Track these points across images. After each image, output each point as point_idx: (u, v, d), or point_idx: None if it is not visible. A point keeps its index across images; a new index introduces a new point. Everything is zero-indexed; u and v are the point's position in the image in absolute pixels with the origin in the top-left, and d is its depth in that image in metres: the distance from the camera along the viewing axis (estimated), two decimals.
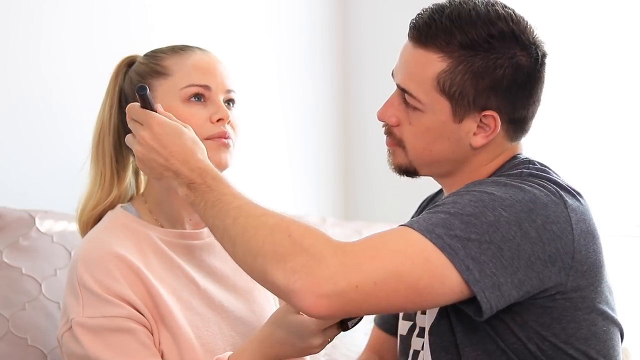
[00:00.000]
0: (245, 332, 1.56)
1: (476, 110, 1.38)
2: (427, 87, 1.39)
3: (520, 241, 1.25)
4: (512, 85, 1.37)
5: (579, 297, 1.32)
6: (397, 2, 2.92)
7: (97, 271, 1.47)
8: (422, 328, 1.47)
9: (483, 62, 1.36)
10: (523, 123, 1.43)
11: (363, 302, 1.20)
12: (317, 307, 1.19)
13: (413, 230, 1.24)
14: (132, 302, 1.47)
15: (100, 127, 1.62)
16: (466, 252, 1.22)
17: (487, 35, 1.36)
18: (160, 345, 1.49)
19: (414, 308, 1.28)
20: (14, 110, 1.99)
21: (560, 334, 1.32)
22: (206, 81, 1.56)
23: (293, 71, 2.82)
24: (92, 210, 1.60)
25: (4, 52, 1.98)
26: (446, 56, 1.38)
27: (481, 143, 1.40)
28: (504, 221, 1.25)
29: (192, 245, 1.60)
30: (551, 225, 1.28)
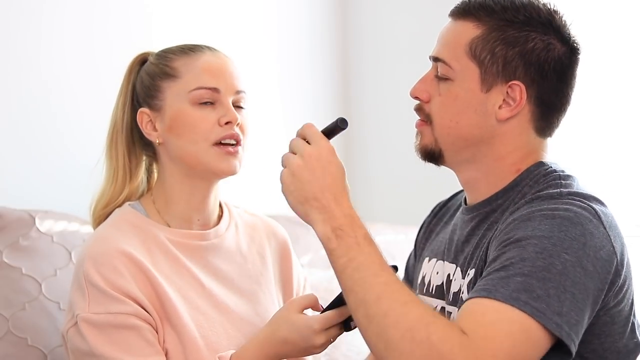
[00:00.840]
0: (250, 332, 1.56)
1: (504, 80, 1.40)
2: (459, 53, 1.43)
3: (586, 281, 1.27)
4: (543, 62, 1.41)
5: (617, 312, 1.34)
6: (398, 2, 2.92)
7: (103, 268, 1.47)
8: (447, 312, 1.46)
9: (516, 32, 1.40)
10: (550, 112, 1.44)
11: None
12: None
13: (501, 303, 1.24)
14: (138, 299, 1.47)
15: (114, 125, 1.63)
16: (552, 310, 1.24)
17: (526, 16, 1.41)
18: (164, 343, 1.50)
19: None
20: (14, 111, 1.99)
21: (598, 349, 1.34)
22: (215, 83, 1.56)
23: (293, 71, 2.82)
24: (104, 207, 1.61)
25: (3, 52, 1.98)
26: (481, 24, 1.42)
27: (507, 116, 1.41)
28: (569, 266, 1.27)
29: (199, 246, 1.60)
30: (600, 252, 1.30)
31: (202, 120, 1.54)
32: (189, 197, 1.59)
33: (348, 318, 1.40)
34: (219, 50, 1.62)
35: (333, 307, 1.40)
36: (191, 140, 1.54)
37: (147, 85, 1.59)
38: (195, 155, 1.55)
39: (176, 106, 1.55)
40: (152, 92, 1.58)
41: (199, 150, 1.54)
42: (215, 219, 1.65)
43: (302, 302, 1.43)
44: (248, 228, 1.70)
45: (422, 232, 1.69)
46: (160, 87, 1.57)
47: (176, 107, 1.55)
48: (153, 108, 1.58)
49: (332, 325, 1.40)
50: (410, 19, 2.89)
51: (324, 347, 1.42)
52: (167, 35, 2.08)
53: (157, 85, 1.57)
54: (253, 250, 1.67)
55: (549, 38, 1.41)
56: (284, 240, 1.74)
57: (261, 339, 1.45)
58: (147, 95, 1.59)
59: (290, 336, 1.41)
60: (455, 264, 1.47)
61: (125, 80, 1.64)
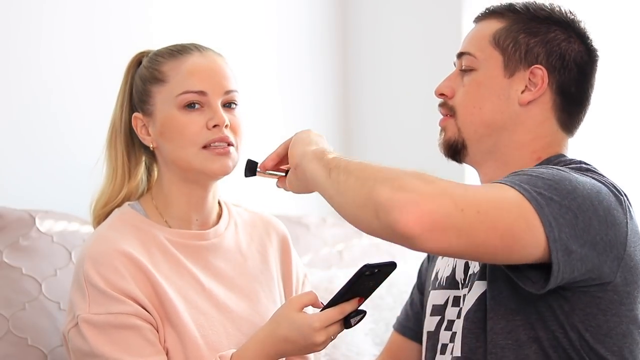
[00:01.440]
0: (250, 331, 1.56)
1: (526, 65, 1.45)
2: (483, 44, 1.48)
3: (592, 216, 1.28)
4: (564, 52, 1.46)
5: (625, 292, 1.34)
6: (398, 3, 2.92)
7: (103, 268, 1.48)
8: (450, 321, 1.48)
9: (539, 24, 1.47)
10: (571, 104, 1.48)
11: (463, 230, 1.19)
12: (418, 222, 1.17)
13: (502, 184, 1.27)
14: (138, 299, 1.48)
15: (113, 125, 1.64)
16: (550, 210, 1.24)
17: (548, 12, 1.48)
18: (165, 342, 1.50)
19: (502, 256, 1.25)
20: (15, 111, 1.99)
21: (603, 326, 1.34)
22: (201, 87, 1.55)
23: (293, 71, 2.82)
24: (103, 207, 1.62)
25: (4, 53, 1.98)
26: (505, 18, 1.49)
27: (529, 99, 1.45)
28: (579, 193, 1.28)
29: (198, 246, 1.60)
30: (613, 211, 1.32)
31: (189, 125, 1.54)
32: (186, 198, 1.60)
33: (348, 315, 1.40)
34: (209, 49, 1.61)
35: (333, 305, 1.40)
36: (180, 145, 1.55)
37: (140, 90, 1.60)
38: (185, 159, 1.55)
39: (165, 111, 1.55)
40: (144, 97, 1.59)
41: (188, 154, 1.54)
42: (214, 218, 1.65)
43: (302, 300, 1.43)
44: (247, 226, 1.70)
45: None
46: (151, 91, 1.58)
47: (165, 112, 1.55)
48: (145, 113, 1.59)
49: (333, 322, 1.40)
50: (410, 19, 2.89)
51: (325, 344, 1.42)
52: (167, 35, 2.08)
53: (148, 90, 1.58)
54: (253, 249, 1.68)
55: (570, 33, 1.47)
56: (283, 236, 1.74)
57: (261, 338, 1.45)
58: (139, 100, 1.60)
59: (291, 334, 1.41)
60: None
61: (123, 80, 1.64)
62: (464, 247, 1.21)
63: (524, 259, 1.26)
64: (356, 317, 1.40)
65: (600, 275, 1.31)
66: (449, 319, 1.50)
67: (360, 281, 1.36)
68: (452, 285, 1.53)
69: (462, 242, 1.20)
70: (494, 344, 1.37)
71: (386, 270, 1.38)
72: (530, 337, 1.35)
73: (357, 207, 1.27)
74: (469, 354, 1.41)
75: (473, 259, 1.25)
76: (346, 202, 1.29)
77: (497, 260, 1.27)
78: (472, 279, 1.45)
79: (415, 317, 1.70)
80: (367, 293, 1.40)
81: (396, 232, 1.19)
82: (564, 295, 1.32)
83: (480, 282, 1.42)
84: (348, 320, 1.40)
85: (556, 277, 1.26)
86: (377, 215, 1.22)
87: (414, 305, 1.73)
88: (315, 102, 2.91)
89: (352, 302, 1.39)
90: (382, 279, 1.39)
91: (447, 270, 1.56)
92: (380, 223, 1.21)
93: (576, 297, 1.32)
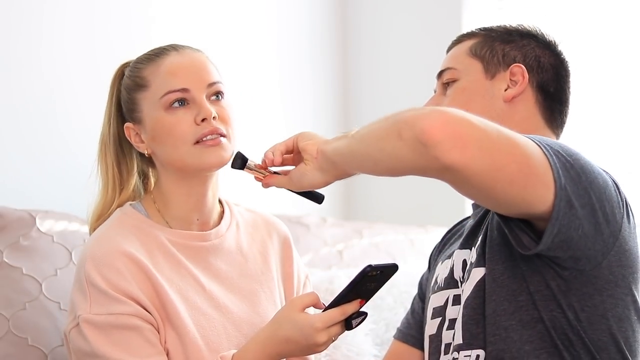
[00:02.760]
0: (250, 332, 1.56)
1: (505, 66, 1.53)
2: (461, 57, 1.56)
3: (593, 182, 1.31)
4: (539, 55, 1.55)
5: (620, 275, 1.36)
6: (398, 3, 2.92)
7: (105, 269, 1.48)
8: (452, 320, 1.49)
9: (511, 35, 1.56)
10: (552, 102, 1.55)
11: (484, 147, 1.21)
12: (442, 128, 1.19)
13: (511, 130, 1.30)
14: (139, 300, 1.48)
15: (102, 138, 1.64)
16: (557, 160, 1.27)
17: (518, 28, 1.58)
18: (165, 343, 1.50)
19: (517, 189, 1.25)
20: (15, 110, 1.99)
21: (599, 306, 1.35)
22: (182, 84, 1.55)
23: (293, 71, 2.82)
24: (97, 220, 1.62)
25: (5, 53, 1.98)
26: (478, 35, 1.58)
27: (512, 94, 1.51)
28: (581, 157, 1.32)
29: (199, 247, 1.60)
30: (611, 188, 1.34)
31: (178, 123, 1.54)
32: (186, 197, 1.60)
33: (350, 316, 1.40)
34: (186, 46, 1.60)
35: (335, 306, 1.40)
36: (173, 146, 1.55)
37: (127, 100, 1.60)
38: (180, 159, 1.55)
39: (152, 115, 1.56)
40: (131, 106, 1.59)
41: (182, 153, 1.54)
42: (215, 218, 1.65)
43: (303, 301, 1.43)
44: (249, 227, 1.70)
45: (434, 252, 1.75)
46: (137, 99, 1.58)
47: (153, 117, 1.56)
48: (136, 121, 1.59)
49: (334, 323, 1.40)
50: (410, 19, 2.89)
51: (326, 345, 1.42)
52: (167, 35, 2.08)
53: (134, 98, 1.58)
54: (254, 249, 1.68)
55: (540, 43, 1.57)
56: (285, 237, 1.74)
57: (263, 338, 1.45)
58: (128, 110, 1.60)
59: (292, 335, 1.41)
60: (469, 248, 1.50)
61: (109, 92, 1.65)
62: (485, 166, 1.21)
63: (534, 202, 1.27)
64: (357, 318, 1.40)
65: (594, 249, 1.32)
66: (450, 318, 1.50)
67: (362, 282, 1.36)
68: (451, 284, 1.54)
69: (482, 160, 1.21)
70: (498, 325, 1.38)
71: (388, 272, 1.38)
72: (534, 318, 1.36)
73: (380, 140, 1.28)
74: (470, 339, 1.42)
75: (486, 189, 1.24)
76: (368, 144, 1.31)
77: (510, 193, 1.26)
78: (470, 269, 1.46)
79: (417, 325, 1.71)
80: (369, 295, 1.40)
81: (421, 142, 1.20)
82: (561, 274, 1.34)
83: (478, 268, 1.43)
84: (349, 321, 1.40)
85: (555, 225, 1.27)
86: (400, 136, 1.23)
87: (415, 313, 1.74)
88: (315, 102, 2.91)
89: (353, 303, 1.39)
90: (383, 281, 1.39)
91: (446, 271, 1.57)
92: (404, 143, 1.23)
93: (573, 276, 1.34)
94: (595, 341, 1.35)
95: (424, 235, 2.52)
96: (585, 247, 1.31)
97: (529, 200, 1.27)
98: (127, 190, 1.63)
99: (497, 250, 1.40)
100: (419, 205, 2.83)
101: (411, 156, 1.23)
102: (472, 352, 1.41)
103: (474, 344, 1.41)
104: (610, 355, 1.35)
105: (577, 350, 1.34)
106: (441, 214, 2.69)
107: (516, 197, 1.26)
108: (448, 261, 1.58)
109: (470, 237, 1.53)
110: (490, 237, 1.42)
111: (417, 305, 1.74)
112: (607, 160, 2.39)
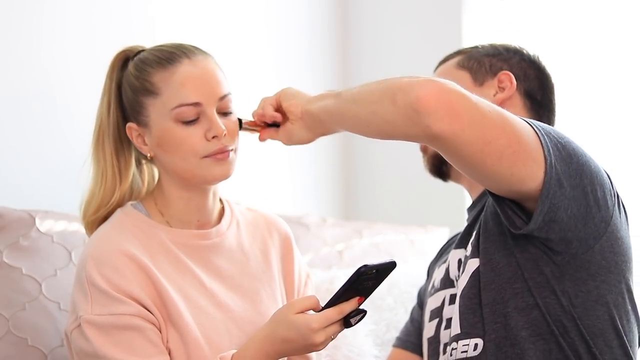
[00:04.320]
0: (252, 331, 1.55)
1: (492, 75, 1.60)
2: (449, 71, 1.64)
3: (585, 165, 1.33)
4: (525, 67, 1.62)
5: (613, 261, 1.38)
6: (398, 3, 2.92)
7: (105, 269, 1.48)
8: (449, 319, 1.50)
9: (497, 49, 1.64)
10: (539, 108, 1.60)
11: (475, 119, 1.24)
12: (436, 97, 1.23)
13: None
14: (141, 300, 1.48)
15: (100, 125, 1.62)
16: (549, 140, 1.30)
17: (502, 45, 1.66)
18: (167, 343, 1.50)
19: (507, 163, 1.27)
20: (15, 110, 1.99)
21: (593, 292, 1.37)
22: (196, 97, 1.53)
23: (293, 71, 2.82)
24: (95, 212, 1.60)
25: (5, 52, 1.98)
26: (464, 52, 1.66)
27: (502, 98, 1.58)
28: (575, 143, 1.35)
29: (200, 245, 1.60)
30: (604, 177, 1.37)
31: (188, 138, 1.53)
32: (186, 202, 1.60)
33: (348, 315, 1.40)
34: (196, 52, 1.58)
35: (332, 305, 1.39)
36: (181, 158, 1.55)
37: (131, 100, 1.58)
38: (186, 169, 1.55)
39: (161, 124, 1.55)
40: (137, 108, 1.58)
41: (189, 165, 1.54)
42: (215, 218, 1.65)
43: (302, 304, 1.43)
44: (250, 225, 1.70)
45: (432, 263, 1.78)
46: (144, 103, 1.56)
47: (161, 125, 1.55)
48: (140, 123, 1.58)
49: (332, 323, 1.40)
50: (410, 19, 2.89)
51: (325, 344, 1.41)
52: (167, 33, 2.08)
53: (140, 101, 1.57)
54: (255, 248, 1.68)
55: (524, 57, 1.64)
56: (286, 235, 1.74)
57: (261, 338, 1.45)
58: (132, 110, 1.59)
59: (290, 335, 1.41)
60: (464, 247, 1.50)
61: (107, 79, 1.62)
62: (474, 138, 1.24)
63: (524, 179, 1.28)
64: (356, 316, 1.40)
65: (585, 231, 1.33)
66: (447, 317, 1.51)
67: (359, 281, 1.36)
68: (447, 284, 1.54)
69: (471, 132, 1.24)
70: (497, 313, 1.39)
71: (385, 270, 1.37)
72: (530, 304, 1.37)
73: (373, 103, 1.31)
74: (468, 329, 1.43)
75: (476, 161, 1.26)
76: (360, 106, 1.34)
77: (500, 167, 1.27)
78: (465, 262, 1.46)
79: (417, 332, 1.72)
80: (367, 292, 1.40)
81: (414, 109, 1.23)
82: (554, 259, 1.35)
83: (473, 259, 1.45)
84: (348, 319, 1.40)
85: (543, 203, 1.28)
86: (394, 101, 1.27)
87: (414, 321, 1.75)
88: None
89: (351, 301, 1.39)
90: (382, 279, 1.39)
91: (441, 273, 1.58)
92: (397, 108, 1.26)
93: (565, 261, 1.35)
94: (590, 327, 1.36)
95: (424, 235, 2.51)
96: (576, 229, 1.33)
97: (518, 176, 1.28)
98: (126, 180, 1.61)
99: (492, 240, 1.42)
100: (419, 205, 2.83)
101: (403, 121, 1.26)
102: (470, 341, 1.41)
103: (472, 333, 1.42)
104: (605, 342, 1.36)
105: (571, 337, 1.35)
106: (441, 214, 2.69)
107: (505, 171, 1.28)
108: (444, 265, 1.59)
109: (464, 237, 1.55)
110: (485, 228, 1.43)
111: (417, 314, 1.75)
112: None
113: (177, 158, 1.55)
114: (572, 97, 2.58)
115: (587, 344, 1.35)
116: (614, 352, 1.36)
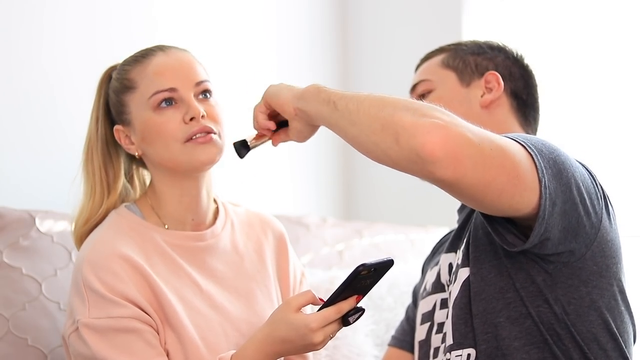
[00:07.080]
0: (248, 331, 1.56)
1: (479, 75, 1.60)
2: (434, 69, 1.62)
3: (573, 176, 1.32)
4: (510, 65, 1.61)
5: (604, 265, 1.37)
6: (398, 3, 2.92)
7: (102, 272, 1.48)
8: (440, 324, 1.50)
9: (481, 47, 1.63)
10: (525, 107, 1.61)
11: (478, 163, 1.22)
12: (443, 146, 1.20)
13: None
14: (138, 302, 1.48)
15: (89, 140, 1.64)
16: (542, 157, 1.29)
17: (486, 43, 1.65)
18: (165, 344, 1.50)
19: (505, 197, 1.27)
20: (15, 110, 1.99)
21: (585, 298, 1.36)
22: (170, 84, 1.56)
23: (293, 71, 2.82)
24: (84, 224, 1.62)
25: (5, 52, 1.98)
26: (447, 49, 1.64)
27: (489, 99, 1.58)
28: (562, 152, 1.34)
29: (195, 247, 1.60)
30: (589, 183, 1.36)
31: (166, 123, 1.55)
32: (179, 198, 1.60)
33: (346, 314, 1.40)
34: (172, 47, 1.62)
35: (330, 304, 1.39)
36: (163, 145, 1.55)
37: (115, 103, 1.61)
38: (170, 158, 1.56)
39: (141, 116, 1.56)
40: (120, 108, 1.60)
41: (172, 152, 1.55)
42: (210, 218, 1.65)
43: (299, 301, 1.43)
44: (244, 225, 1.70)
45: (425, 262, 1.78)
46: (125, 101, 1.59)
47: (141, 117, 1.57)
48: (125, 123, 1.60)
49: (330, 322, 1.40)
50: (410, 19, 2.89)
51: (324, 343, 1.41)
52: (168, 33, 2.08)
53: (122, 100, 1.59)
54: (250, 248, 1.68)
55: (508, 55, 1.63)
56: (280, 234, 1.74)
57: (260, 339, 1.45)
58: (117, 112, 1.61)
59: (288, 335, 1.41)
60: (455, 251, 1.50)
61: (97, 94, 1.66)
62: (475, 181, 1.23)
63: (521, 207, 1.28)
64: (355, 314, 1.40)
65: (576, 242, 1.33)
66: (439, 322, 1.51)
67: (356, 280, 1.36)
68: (438, 288, 1.54)
69: (475, 175, 1.22)
70: (487, 323, 1.39)
71: (383, 268, 1.37)
72: (522, 314, 1.37)
73: (374, 133, 1.28)
74: (460, 339, 1.43)
75: (476, 199, 1.26)
76: (361, 131, 1.30)
77: (499, 203, 1.28)
78: (456, 271, 1.46)
79: (412, 331, 1.72)
80: (365, 290, 1.40)
81: (419, 155, 1.21)
82: (546, 268, 1.35)
83: (464, 268, 1.44)
84: (346, 318, 1.40)
85: (540, 225, 1.28)
86: (397, 140, 1.24)
87: (410, 320, 1.75)
88: None
89: (349, 300, 1.39)
90: (379, 276, 1.39)
91: (433, 276, 1.58)
92: (400, 148, 1.23)
93: (557, 270, 1.35)
94: (584, 333, 1.35)
95: (424, 235, 2.52)
96: (566, 241, 1.33)
97: (516, 207, 1.29)
98: (114, 193, 1.63)
99: (482, 250, 1.41)
100: (419, 205, 2.83)
101: (406, 162, 1.24)
102: (463, 352, 1.41)
103: (465, 344, 1.41)
104: (599, 346, 1.36)
105: (565, 345, 1.35)
106: (441, 214, 2.68)
107: (504, 204, 1.28)
108: (436, 267, 1.59)
109: (455, 240, 1.55)
110: (475, 236, 1.43)
111: (412, 313, 1.75)
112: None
113: (160, 147, 1.55)
114: (572, 97, 2.58)
115: (582, 350, 1.35)
116: (609, 356, 1.36)
